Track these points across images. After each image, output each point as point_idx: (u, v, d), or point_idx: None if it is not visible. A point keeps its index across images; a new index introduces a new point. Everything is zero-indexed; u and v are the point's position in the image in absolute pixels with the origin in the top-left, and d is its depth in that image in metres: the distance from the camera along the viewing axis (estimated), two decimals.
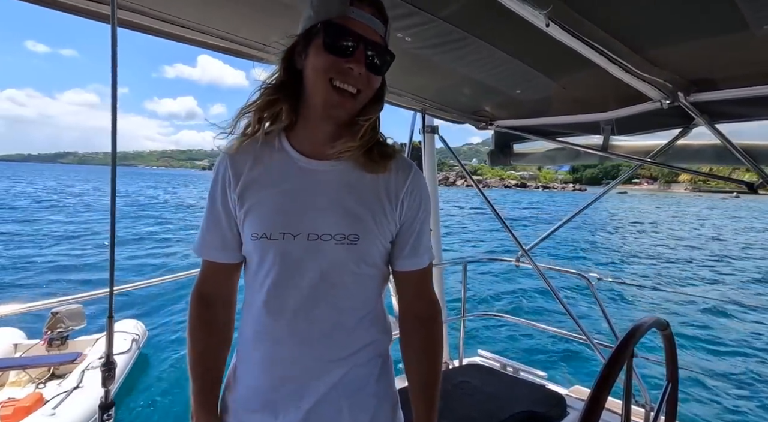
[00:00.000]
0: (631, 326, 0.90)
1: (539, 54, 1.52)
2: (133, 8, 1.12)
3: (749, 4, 1.04)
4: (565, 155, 2.14)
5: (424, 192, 0.89)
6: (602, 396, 0.73)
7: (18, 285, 10.39)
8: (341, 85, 0.75)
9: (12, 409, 3.50)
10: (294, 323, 0.81)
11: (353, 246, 0.80)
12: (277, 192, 0.81)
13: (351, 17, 0.74)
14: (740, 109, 1.56)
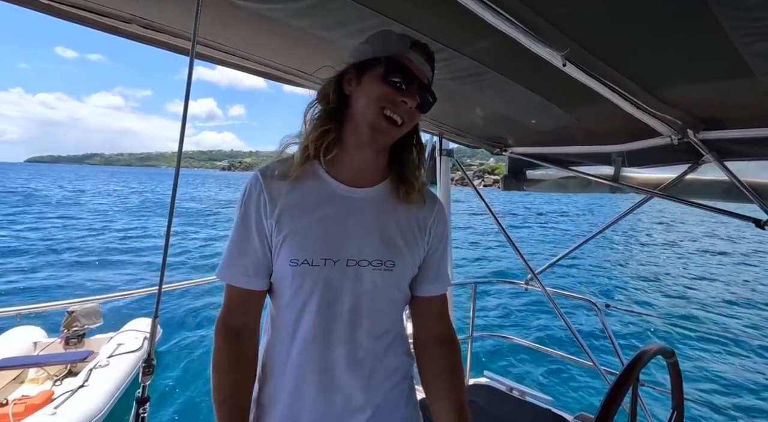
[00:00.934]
0: (636, 352, 0.95)
1: (555, 88, 1.61)
2: (188, 37, 1.24)
3: (754, 57, 1.12)
4: (576, 184, 2.21)
5: (446, 222, 0.97)
6: (606, 421, 0.79)
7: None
8: (391, 115, 0.82)
9: (23, 406, 3.59)
10: (339, 348, 0.84)
11: (389, 272, 0.86)
12: (317, 218, 0.83)
13: (410, 58, 0.84)
14: (748, 148, 1.63)
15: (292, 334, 0.85)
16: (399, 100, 0.81)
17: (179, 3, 1.04)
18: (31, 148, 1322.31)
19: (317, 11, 1.05)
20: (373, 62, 0.83)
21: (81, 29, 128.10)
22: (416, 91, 0.83)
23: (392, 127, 0.83)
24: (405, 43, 0.84)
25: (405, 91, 0.82)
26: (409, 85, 0.82)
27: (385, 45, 0.84)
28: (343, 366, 0.84)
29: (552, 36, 1.13)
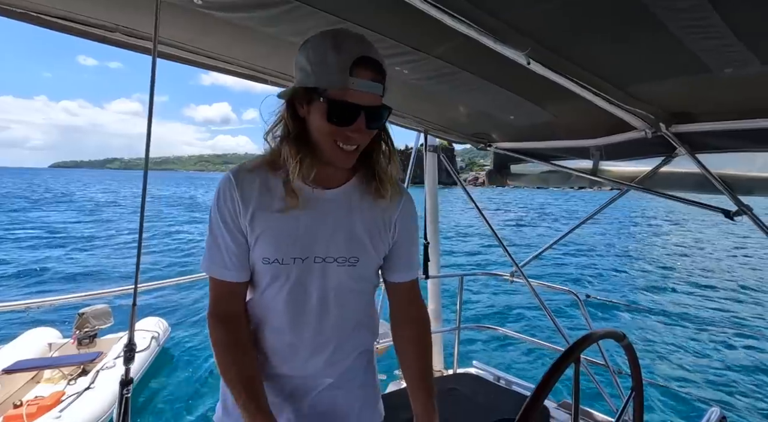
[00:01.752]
0: (582, 335, 1.01)
1: (527, 86, 1.66)
2: (171, 43, 1.32)
3: (705, 53, 1.17)
4: (557, 177, 2.26)
5: (413, 214, 1.02)
6: (542, 395, 0.85)
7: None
8: (344, 147, 0.83)
9: (36, 407, 3.73)
10: (307, 335, 0.92)
11: (353, 267, 0.93)
12: (287, 219, 0.88)
13: (351, 89, 0.78)
14: (718, 141, 1.67)
15: (265, 322, 0.93)
16: (347, 134, 0.82)
17: (163, 12, 1.11)
18: (55, 153, 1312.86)
19: (284, 19, 1.12)
20: (316, 93, 0.80)
21: None
22: (363, 121, 0.81)
23: (350, 155, 0.85)
24: (345, 70, 0.77)
25: (352, 126, 0.81)
26: (354, 119, 0.80)
27: (325, 73, 0.78)
28: (309, 349, 0.93)
29: (512, 37, 1.19)
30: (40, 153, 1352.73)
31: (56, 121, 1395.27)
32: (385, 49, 1.30)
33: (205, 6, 1.05)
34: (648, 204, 50.73)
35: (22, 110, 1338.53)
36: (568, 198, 65.30)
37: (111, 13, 1.17)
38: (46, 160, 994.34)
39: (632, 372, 1.27)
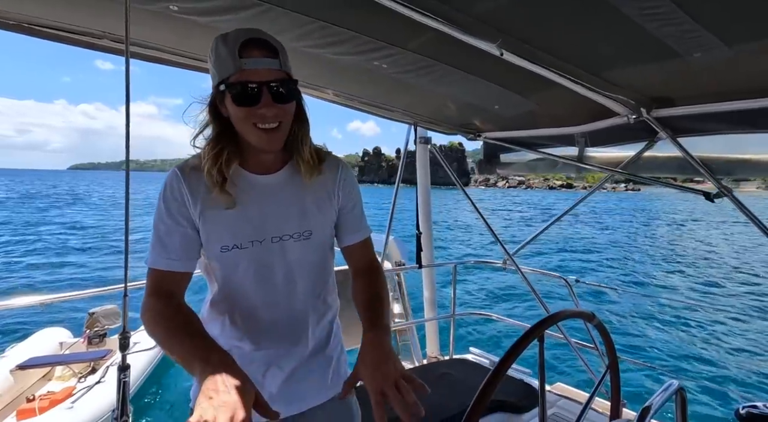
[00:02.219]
0: (550, 314, 1.06)
1: (506, 76, 1.69)
2: (155, 47, 1.38)
3: (670, 39, 1.19)
4: (545, 165, 2.29)
5: (352, 180, 1.07)
6: (503, 368, 0.90)
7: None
8: (263, 126, 0.85)
9: (48, 401, 3.89)
10: (280, 311, 0.97)
11: (308, 240, 0.98)
12: (238, 206, 0.91)
13: (245, 69, 0.81)
14: (697, 124, 1.69)
15: (237, 307, 0.97)
16: (259, 112, 0.84)
17: (143, 20, 1.17)
18: (74, 155, 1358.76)
19: (259, 20, 1.17)
20: (222, 87, 0.84)
21: None
22: (268, 94, 0.83)
23: (272, 134, 0.87)
24: (233, 54, 0.82)
25: (259, 102, 0.83)
26: (257, 95, 0.83)
27: (221, 65, 0.84)
28: (284, 323, 1.00)
29: (482, 29, 1.23)
30: (60, 155, 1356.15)
31: (75, 124, 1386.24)
32: (358, 45, 1.34)
33: (182, 12, 1.10)
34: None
35: (43, 114, 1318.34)
36: (576, 198, 65.83)
37: (98, 21, 1.24)
38: (66, 162, 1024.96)
39: (607, 351, 1.32)
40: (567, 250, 17.32)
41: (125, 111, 0.97)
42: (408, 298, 2.90)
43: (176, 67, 1.49)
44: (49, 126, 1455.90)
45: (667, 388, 1.01)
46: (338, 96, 2.06)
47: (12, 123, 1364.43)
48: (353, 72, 1.65)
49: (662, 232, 26.76)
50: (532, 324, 2.49)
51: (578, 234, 19.86)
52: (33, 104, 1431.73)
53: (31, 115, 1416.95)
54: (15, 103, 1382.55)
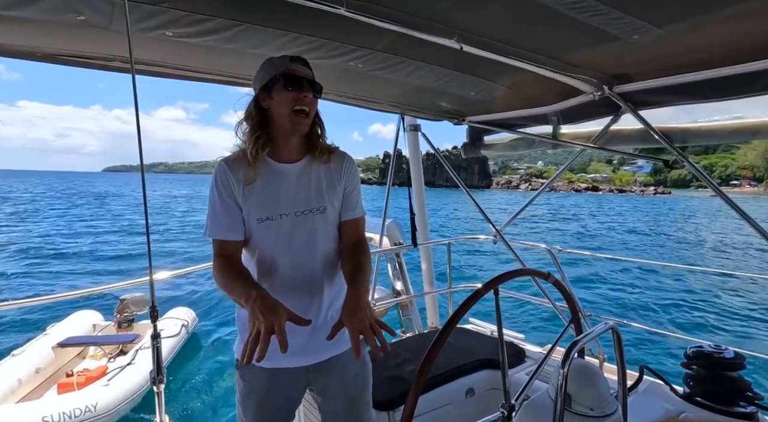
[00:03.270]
0: (504, 272, 1.24)
1: (473, 64, 1.84)
2: (155, 64, 1.59)
3: (606, 25, 1.33)
4: (524, 144, 2.43)
5: (355, 169, 1.36)
6: (457, 316, 1.09)
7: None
8: (300, 108, 1.19)
9: (84, 378, 4.38)
10: (302, 269, 1.25)
11: (323, 214, 1.28)
12: (270, 188, 1.22)
13: (294, 69, 1.20)
14: (654, 97, 1.81)
15: (267, 265, 1.25)
16: (301, 96, 1.19)
17: (144, 44, 1.38)
18: (107, 158, 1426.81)
19: (241, 36, 1.36)
20: (274, 81, 1.20)
21: None
22: (308, 86, 1.20)
23: (304, 118, 1.21)
24: (285, 61, 1.21)
25: (301, 90, 1.19)
26: (302, 85, 1.19)
27: (275, 67, 1.21)
28: (306, 279, 1.26)
29: (437, 28, 1.39)
30: (95, 158, 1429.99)
31: (109, 129, 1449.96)
32: (330, 50, 1.52)
33: (176, 35, 1.31)
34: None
35: (80, 119, 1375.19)
36: (595, 199, 63.67)
37: (107, 46, 1.45)
38: (100, 165, 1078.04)
39: (567, 304, 1.49)
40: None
41: (136, 122, 1.19)
42: (408, 276, 3.11)
43: (176, 79, 1.71)
44: (85, 130, 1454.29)
45: (600, 326, 1.19)
46: (327, 94, 2.24)
47: (52, 128, 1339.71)
48: (333, 72, 1.83)
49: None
50: (524, 293, 2.78)
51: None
52: (71, 110, 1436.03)
53: (69, 120, 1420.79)
54: (55, 109, 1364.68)
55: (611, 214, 37.39)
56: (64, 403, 3.78)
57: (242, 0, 1.20)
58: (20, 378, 4.16)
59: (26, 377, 4.26)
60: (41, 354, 4.61)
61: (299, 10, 1.18)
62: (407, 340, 2.61)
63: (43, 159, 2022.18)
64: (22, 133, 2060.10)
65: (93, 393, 4.03)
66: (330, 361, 1.31)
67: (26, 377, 4.26)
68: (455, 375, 2.05)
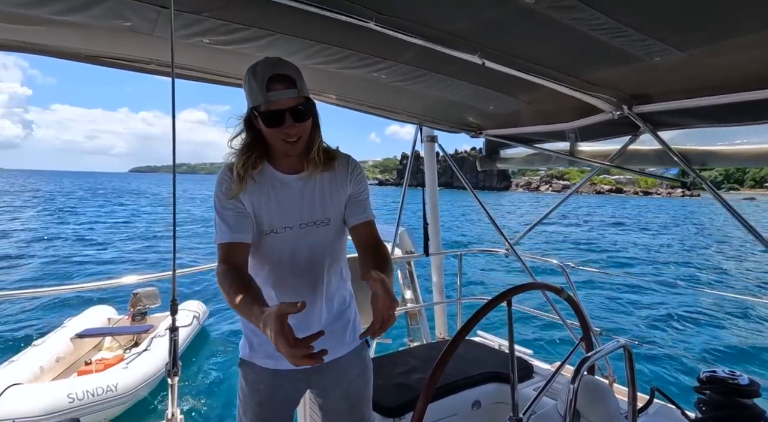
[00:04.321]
0: (517, 285, 1.25)
1: (494, 79, 1.87)
2: (192, 69, 1.67)
3: (628, 46, 1.36)
4: (540, 159, 2.45)
5: (362, 173, 1.33)
6: (468, 327, 1.11)
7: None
8: (288, 139, 1.12)
9: (103, 365, 4.62)
10: (305, 280, 1.23)
11: (327, 226, 1.26)
12: (273, 200, 1.19)
13: (272, 100, 1.07)
14: (673, 118, 1.82)
15: (270, 275, 1.23)
16: (284, 131, 1.10)
17: (182, 50, 1.45)
18: (134, 159, 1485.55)
19: (272, 45, 1.43)
20: (255, 112, 1.11)
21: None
22: (290, 117, 1.09)
23: (294, 145, 1.14)
24: (262, 89, 1.06)
25: (283, 125, 1.09)
26: (283, 119, 1.09)
27: (254, 95, 1.09)
28: (307, 290, 1.25)
29: (461, 43, 1.44)
30: (122, 159, 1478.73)
31: (135, 130, 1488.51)
32: (356, 61, 1.58)
33: (212, 43, 1.38)
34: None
35: (109, 121, 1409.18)
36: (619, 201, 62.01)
37: (147, 51, 1.53)
38: (127, 166, 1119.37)
39: (579, 321, 1.49)
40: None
41: (172, 123, 1.25)
42: (418, 285, 3.12)
43: (209, 83, 1.78)
44: (113, 132, 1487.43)
45: (611, 344, 1.19)
46: (348, 102, 2.30)
47: (83, 130, 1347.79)
48: (356, 81, 1.89)
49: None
50: (529, 307, 2.78)
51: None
52: (100, 112, 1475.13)
53: (98, 123, 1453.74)
54: (86, 112, 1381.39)
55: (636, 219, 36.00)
56: (87, 383, 4.02)
57: (277, 11, 1.26)
58: (42, 366, 4.39)
59: (48, 365, 4.48)
60: (61, 345, 4.84)
61: (330, 23, 1.24)
62: (415, 349, 2.62)
63: (74, 160, 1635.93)
64: (55, 135, 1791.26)
65: (113, 375, 4.27)
66: (331, 364, 1.31)
67: (48, 365, 4.48)
68: (462, 386, 2.05)
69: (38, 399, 3.68)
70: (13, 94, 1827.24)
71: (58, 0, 1.04)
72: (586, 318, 1.49)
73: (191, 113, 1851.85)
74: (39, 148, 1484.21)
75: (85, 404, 3.83)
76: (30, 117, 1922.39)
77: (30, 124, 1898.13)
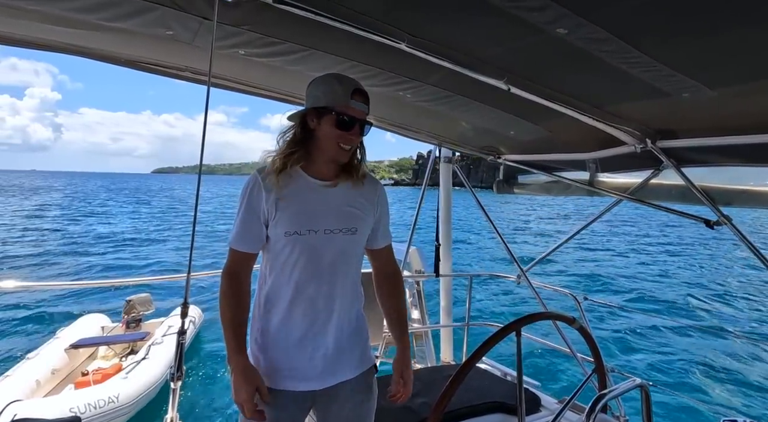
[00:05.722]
0: (527, 314, 1.23)
1: (518, 106, 1.89)
2: (225, 78, 1.73)
3: (655, 82, 1.36)
4: (559, 188, 2.43)
5: (386, 197, 1.38)
6: (478, 355, 1.09)
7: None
8: (344, 146, 1.20)
9: (101, 375, 4.51)
10: (322, 287, 1.23)
11: (353, 235, 1.26)
12: (302, 202, 1.20)
13: (352, 107, 1.18)
14: (698, 155, 1.80)
15: (288, 280, 1.22)
16: (349, 137, 1.19)
17: (218, 60, 1.50)
18: (156, 161, 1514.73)
19: (306, 60, 1.47)
20: (327, 110, 1.18)
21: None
22: (358, 128, 1.21)
23: (347, 153, 1.22)
24: (347, 93, 1.18)
25: (351, 131, 1.19)
26: (353, 126, 1.19)
27: (335, 96, 1.18)
28: (323, 298, 1.24)
29: (488, 69, 1.46)
30: (145, 160, 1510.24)
31: (157, 132, 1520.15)
32: (384, 79, 1.61)
33: (247, 55, 1.42)
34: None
35: (132, 123, 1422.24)
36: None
37: (183, 58, 1.59)
38: (149, 167, 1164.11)
39: (592, 354, 1.45)
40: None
41: (203, 129, 1.28)
42: (426, 305, 3.08)
43: (240, 93, 1.84)
44: (136, 134, 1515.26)
45: (629, 383, 1.15)
46: (371, 118, 2.34)
47: (108, 132, 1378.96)
48: (382, 99, 1.92)
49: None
50: (543, 339, 2.70)
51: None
52: (124, 115, 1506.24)
53: (122, 125, 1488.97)
54: (110, 115, 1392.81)
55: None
56: (88, 396, 3.95)
57: (312, 28, 1.30)
58: (38, 380, 4.27)
59: (43, 378, 4.37)
60: (55, 356, 4.73)
61: (363, 42, 1.27)
62: (419, 372, 2.56)
63: (100, 161, 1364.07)
64: (83, 138, 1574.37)
65: (113, 386, 4.18)
66: (338, 386, 1.28)
67: (43, 378, 4.37)
68: (467, 415, 1.99)
69: (40, 415, 3.52)
70: (44, 99, 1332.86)
71: (111, 7, 1.09)
72: (599, 352, 1.44)
73: (211, 115, 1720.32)
74: (68, 150, 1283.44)
75: (87, 417, 3.76)
76: (59, 120, 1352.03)
77: (59, 127, 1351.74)
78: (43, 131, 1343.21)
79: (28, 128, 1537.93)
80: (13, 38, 1.38)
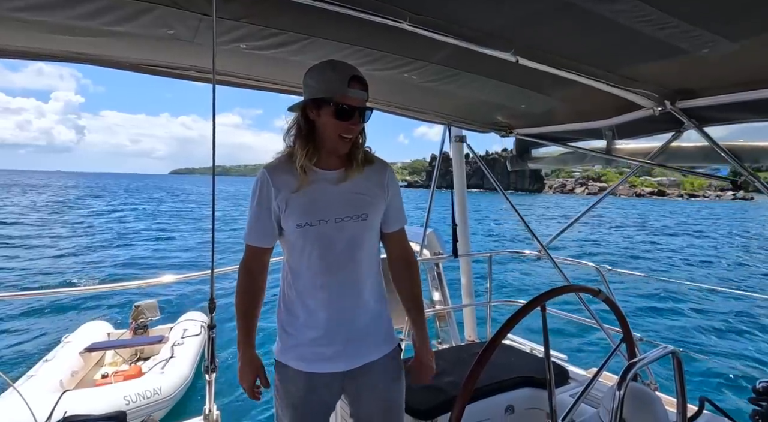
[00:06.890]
0: (552, 288, 1.21)
1: (528, 77, 1.83)
2: (230, 74, 1.72)
3: (673, 38, 1.30)
4: (575, 158, 2.37)
5: (395, 178, 1.37)
6: (504, 332, 1.08)
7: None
8: (345, 136, 1.19)
9: (122, 377, 4.64)
10: (339, 275, 1.24)
11: (365, 221, 1.26)
12: (310, 194, 1.21)
13: (350, 96, 1.15)
14: (722, 113, 1.73)
15: (307, 270, 1.25)
16: (349, 126, 1.18)
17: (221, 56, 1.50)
18: (173, 162, 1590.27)
19: (307, 49, 1.45)
20: (325, 101, 1.15)
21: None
22: (358, 116, 1.18)
23: (348, 143, 1.22)
24: (344, 82, 1.15)
25: (351, 121, 1.17)
26: (352, 115, 1.17)
27: (330, 85, 1.15)
28: (341, 285, 1.26)
29: (494, 41, 1.42)
30: (162, 162, 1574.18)
31: (175, 134, 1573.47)
32: (388, 62, 1.58)
33: (249, 48, 1.41)
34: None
35: (150, 125, 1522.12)
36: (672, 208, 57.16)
37: (187, 58, 1.59)
38: (167, 168, 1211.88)
39: (620, 324, 1.43)
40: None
41: (212, 127, 1.28)
42: (446, 286, 3.09)
43: (245, 88, 1.83)
44: (154, 136, 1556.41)
45: (660, 350, 1.13)
46: (377, 103, 2.31)
47: (127, 134, 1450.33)
48: (386, 83, 1.89)
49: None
50: (565, 311, 2.67)
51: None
52: (143, 117, 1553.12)
53: (141, 127, 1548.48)
54: (130, 117, 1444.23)
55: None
56: (135, 386, 4.22)
57: (312, 15, 1.28)
58: (61, 380, 4.43)
59: (66, 379, 4.52)
60: (72, 359, 4.84)
61: (364, 24, 1.24)
62: (445, 352, 2.59)
63: (121, 162, 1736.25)
64: (104, 140, 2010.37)
65: (155, 379, 4.43)
66: (366, 367, 1.30)
67: (66, 379, 4.52)
68: (495, 390, 2.01)
69: (96, 401, 3.77)
70: (68, 102, 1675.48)
71: (110, 11, 1.09)
72: (626, 322, 1.42)
73: (226, 117, 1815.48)
74: (90, 152, 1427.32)
75: (134, 408, 3.96)
76: (82, 123, 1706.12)
77: (82, 129, 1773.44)
78: (66, 133, 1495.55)
79: (52, 130, 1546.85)
80: (17, 51, 1.40)
